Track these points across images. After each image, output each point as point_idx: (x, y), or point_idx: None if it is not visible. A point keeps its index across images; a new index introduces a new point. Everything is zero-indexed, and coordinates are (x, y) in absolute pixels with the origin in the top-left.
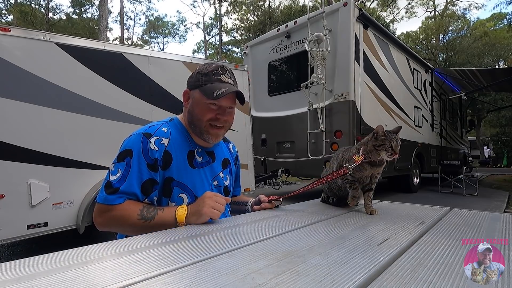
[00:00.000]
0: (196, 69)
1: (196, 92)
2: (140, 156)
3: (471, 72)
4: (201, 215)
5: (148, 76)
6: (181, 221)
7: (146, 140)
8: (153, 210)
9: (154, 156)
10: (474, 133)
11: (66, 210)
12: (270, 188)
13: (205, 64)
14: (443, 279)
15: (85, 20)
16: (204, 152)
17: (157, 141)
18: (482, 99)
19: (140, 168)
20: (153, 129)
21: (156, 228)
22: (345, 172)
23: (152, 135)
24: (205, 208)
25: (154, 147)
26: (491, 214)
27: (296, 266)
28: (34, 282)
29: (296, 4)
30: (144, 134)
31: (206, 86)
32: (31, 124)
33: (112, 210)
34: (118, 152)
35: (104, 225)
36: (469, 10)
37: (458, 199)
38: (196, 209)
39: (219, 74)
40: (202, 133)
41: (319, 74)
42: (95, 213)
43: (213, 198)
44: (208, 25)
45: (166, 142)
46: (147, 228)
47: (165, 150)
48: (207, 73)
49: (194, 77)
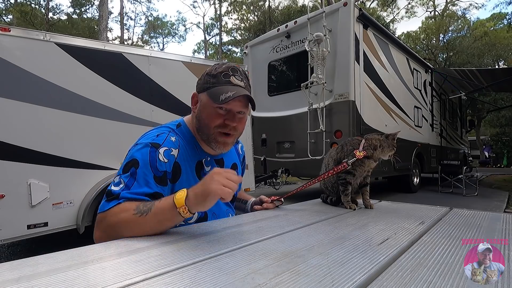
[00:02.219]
0: (206, 70)
1: (204, 96)
2: (147, 167)
3: (471, 72)
4: (209, 193)
5: (148, 76)
6: (180, 205)
7: (155, 151)
8: (150, 203)
9: (163, 168)
10: (474, 133)
11: (66, 210)
12: (270, 188)
13: (215, 65)
14: (443, 279)
15: (85, 20)
16: (212, 161)
17: (167, 152)
18: (482, 99)
19: (146, 180)
20: (161, 139)
21: (156, 222)
22: (344, 167)
23: (161, 146)
24: (213, 184)
25: (163, 159)
26: (491, 214)
27: (296, 266)
28: (34, 282)
29: (296, 4)
30: (152, 144)
31: (213, 88)
32: (31, 124)
33: (107, 216)
34: (123, 163)
35: (102, 238)
36: (469, 10)
37: (458, 199)
38: (203, 189)
39: (229, 75)
40: (209, 141)
41: (319, 74)
42: (95, 227)
43: (222, 174)
44: (208, 25)
45: (176, 153)
46: (145, 225)
47: (175, 162)
48: (215, 75)
49: (202, 79)
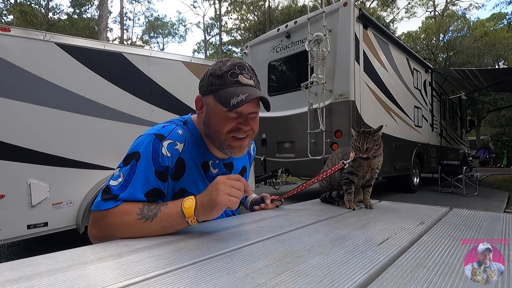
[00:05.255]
0: (208, 70)
1: (210, 99)
2: (148, 160)
3: (471, 72)
4: (216, 204)
5: (148, 76)
6: (189, 215)
7: (158, 143)
8: (155, 207)
9: (165, 163)
10: (474, 133)
11: (66, 210)
12: (270, 188)
13: (219, 63)
14: (443, 279)
15: (85, 20)
16: (221, 164)
17: (171, 145)
18: (482, 99)
19: (146, 174)
20: (166, 131)
21: (160, 228)
22: (341, 166)
23: (166, 138)
24: (219, 196)
25: (166, 153)
26: (491, 214)
27: (296, 266)
28: (34, 282)
29: (296, 4)
30: (157, 135)
31: (221, 91)
32: (31, 124)
33: (107, 216)
34: (125, 155)
35: (99, 237)
36: (469, 10)
37: (458, 199)
38: (209, 199)
39: (237, 74)
40: (223, 147)
41: (319, 74)
42: (90, 223)
43: (227, 183)
44: (208, 25)
45: (181, 148)
46: (149, 229)
47: (179, 157)
48: (221, 75)
49: (206, 80)
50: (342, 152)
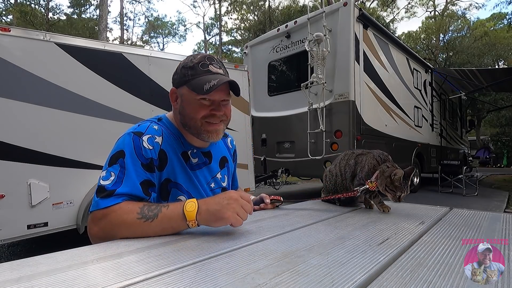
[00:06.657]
0: (180, 64)
1: (184, 89)
2: (133, 155)
3: (471, 72)
4: (222, 218)
5: (148, 76)
6: (191, 219)
7: (138, 139)
8: (156, 208)
9: (148, 155)
10: (474, 133)
11: (66, 210)
12: (270, 188)
13: (190, 56)
14: (443, 279)
15: (85, 20)
16: (199, 153)
17: (150, 139)
18: (482, 99)
19: (135, 168)
20: (143, 127)
21: (160, 229)
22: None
23: (144, 133)
24: (229, 212)
25: (148, 146)
26: (491, 214)
27: (296, 266)
28: (34, 282)
29: (296, 4)
30: (135, 133)
31: (194, 80)
32: (31, 124)
33: (108, 214)
34: (109, 156)
35: (100, 236)
36: (469, 10)
37: (458, 199)
38: (217, 209)
39: (207, 64)
40: (199, 133)
41: (319, 74)
42: (89, 224)
43: (239, 202)
44: (208, 25)
45: (160, 140)
46: (148, 230)
47: (160, 149)
48: (193, 66)
49: (179, 73)
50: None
